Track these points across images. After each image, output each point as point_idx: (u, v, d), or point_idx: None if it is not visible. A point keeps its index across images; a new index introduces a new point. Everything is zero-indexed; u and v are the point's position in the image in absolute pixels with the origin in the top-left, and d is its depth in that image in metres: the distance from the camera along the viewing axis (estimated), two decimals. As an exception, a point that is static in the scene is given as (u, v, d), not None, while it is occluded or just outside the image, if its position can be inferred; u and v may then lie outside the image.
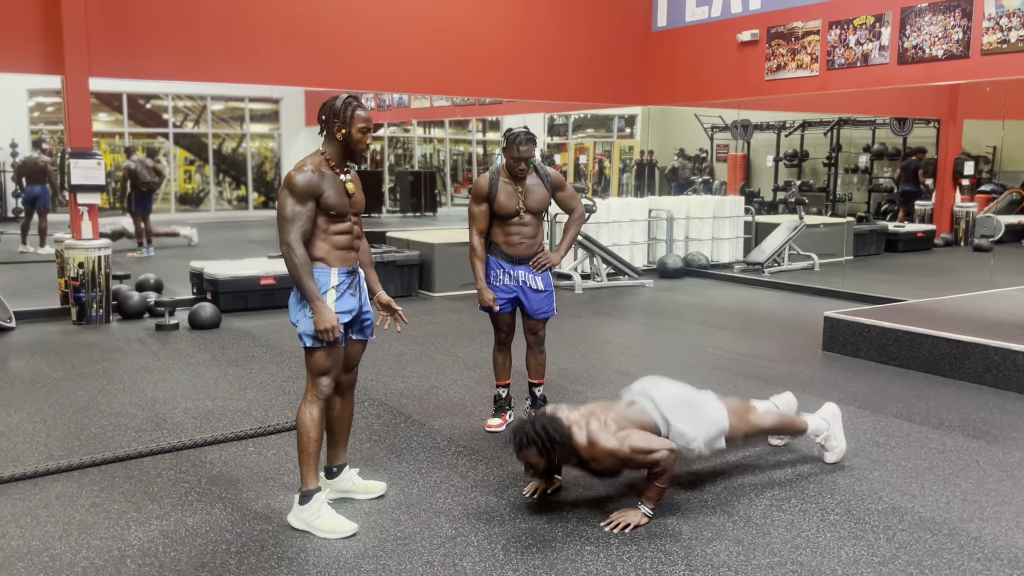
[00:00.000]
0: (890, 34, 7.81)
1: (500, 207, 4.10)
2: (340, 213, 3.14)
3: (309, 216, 3.07)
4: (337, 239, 3.17)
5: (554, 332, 6.72)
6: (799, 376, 5.49)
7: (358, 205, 3.26)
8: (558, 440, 3.13)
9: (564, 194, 4.30)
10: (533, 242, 4.19)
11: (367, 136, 3.16)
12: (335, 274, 3.17)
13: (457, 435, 4.28)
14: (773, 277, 9.76)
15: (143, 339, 6.51)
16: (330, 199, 3.11)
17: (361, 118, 3.12)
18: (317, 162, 3.12)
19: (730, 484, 3.63)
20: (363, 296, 3.31)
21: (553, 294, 4.31)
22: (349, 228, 3.21)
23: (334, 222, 3.15)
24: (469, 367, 5.65)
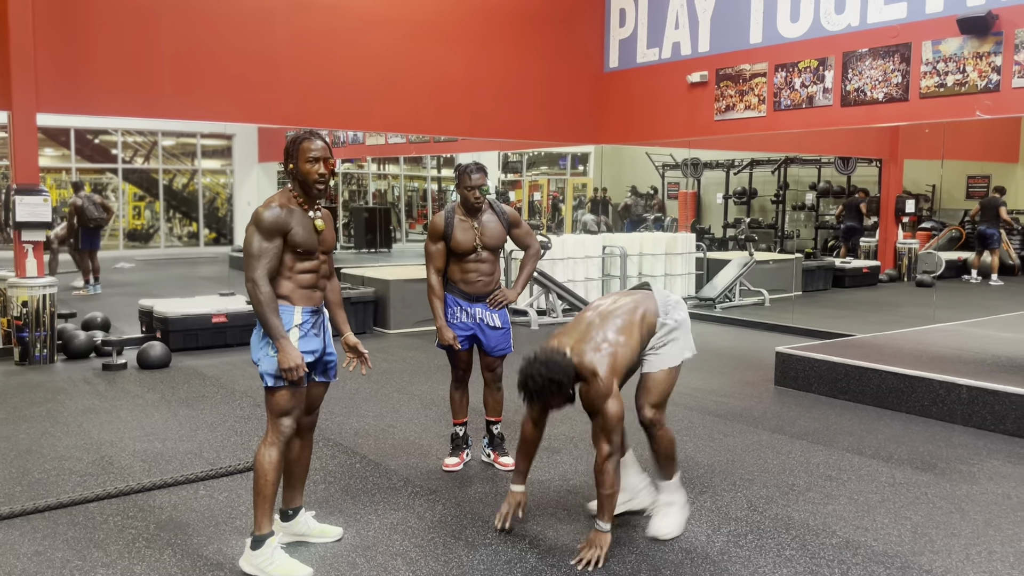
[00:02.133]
0: (833, 77, 8.08)
1: (457, 244, 4.10)
2: (308, 251, 3.09)
3: (276, 253, 3.02)
4: (303, 277, 3.11)
5: (511, 368, 6.70)
6: (752, 411, 5.56)
7: (327, 243, 3.19)
8: (565, 379, 3.13)
9: (520, 231, 4.29)
10: (490, 279, 4.19)
11: (317, 167, 3.05)
12: (299, 312, 3.10)
13: (413, 475, 4.23)
14: (725, 312, 9.91)
15: (89, 379, 6.34)
16: (298, 236, 3.05)
17: (308, 149, 3.05)
18: (286, 198, 3.08)
19: (688, 519, 3.64)
20: (327, 337, 3.23)
21: (510, 331, 4.30)
22: (316, 267, 3.15)
23: (301, 260, 3.10)
24: (425, 405, 5.61)
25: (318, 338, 3.17)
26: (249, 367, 6.72)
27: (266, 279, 2.98)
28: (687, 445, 4.76)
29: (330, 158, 3.05)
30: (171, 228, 19.22)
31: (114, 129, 17.82)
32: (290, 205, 3.06)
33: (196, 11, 7.73)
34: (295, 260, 3.08)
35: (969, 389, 5.21)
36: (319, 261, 3.16)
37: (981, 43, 6.97)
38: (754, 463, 4.47)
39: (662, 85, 9.73)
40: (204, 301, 7.99)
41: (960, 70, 7.12)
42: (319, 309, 3.19)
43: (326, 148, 3.09)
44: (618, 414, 3.17)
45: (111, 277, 12.48)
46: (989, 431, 5.08)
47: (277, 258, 3.03)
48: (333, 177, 3.09)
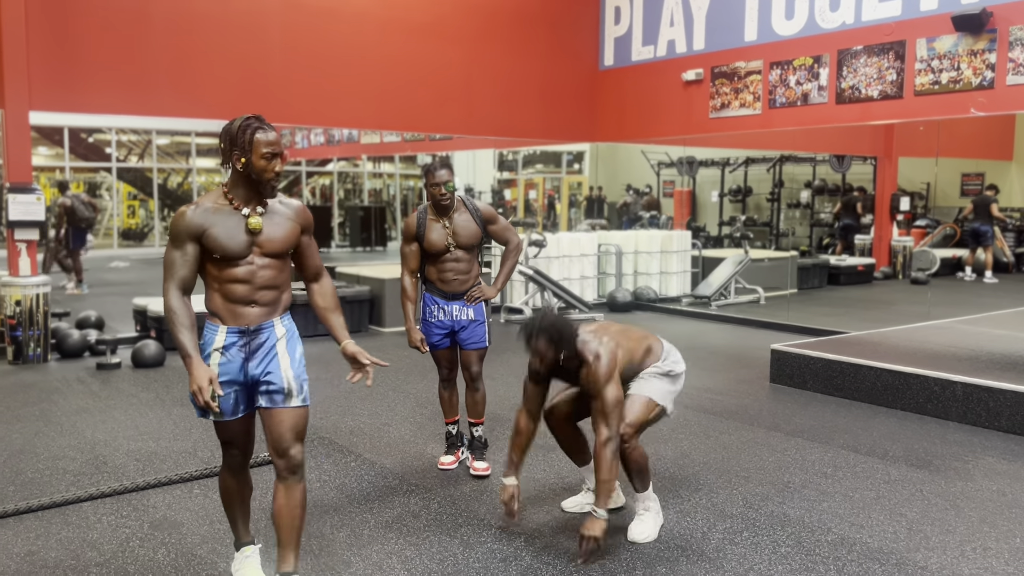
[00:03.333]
0: (828, 75, 8.08)
1: (430, 245, 4.07)
2: (230, 256, 2.62)
3: (188, 262, 2.61)
4: (231, 288, 2.65)
5: (505, 367, 6.71)
6: (747, 409, 5.56)
7: (270, 244, 2.68)
8: (566, 334, 3.22)
9: (496, 227, 4.21)
10: (467, 277, 4.15)
11: (274, 163, 2.65)
12: (222, 333, 2.67)
13: (408, 473, 4.22)
14: (720, 310, 9.91)
15: (83, 379, 6.31)
16: (216, 239, 2.60)
17: (264, 142, 2.63)
18: (213, 197, 2.68)
19: (683, 518, 3.64)
20: (274, 362, 2.71)
21: (486, 324, 4.21)
22: (248, 275, 2.65)
23: (225, 267, 2.63)
24: (420, 404, 5.59)
25: (251, 363, 2.69)
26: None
27: (176, 292, 2.60)
28: (683, 442, 4.76)
29: (283, 152, 2.71)
30: (166, 227, 19.17)
31: (108, 128, 17.77)
32: (217, 203, 2.66)
33: (190, 9, 7.71)
34: (218, 268, 2.65)
35: (964, 386, 5.21)
36: (254, 267, 2.66)
37: (976, 40, 6.97)
38: (750, 460, 4.46)
39: (657, 83, 9.72)
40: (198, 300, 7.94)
41: (955, 67, 7.13)
42: (260, 328, 2.70)
43: (278, 139, 2.70)
44: (616, 398, 3.23)
45: (105, 276, 12.44)
46: (984, 428, 5.09)
47: (190, 267, 2.62)
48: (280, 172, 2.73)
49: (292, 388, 2.72)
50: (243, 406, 2.77)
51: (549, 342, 3.22)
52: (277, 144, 2.67)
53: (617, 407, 3.23)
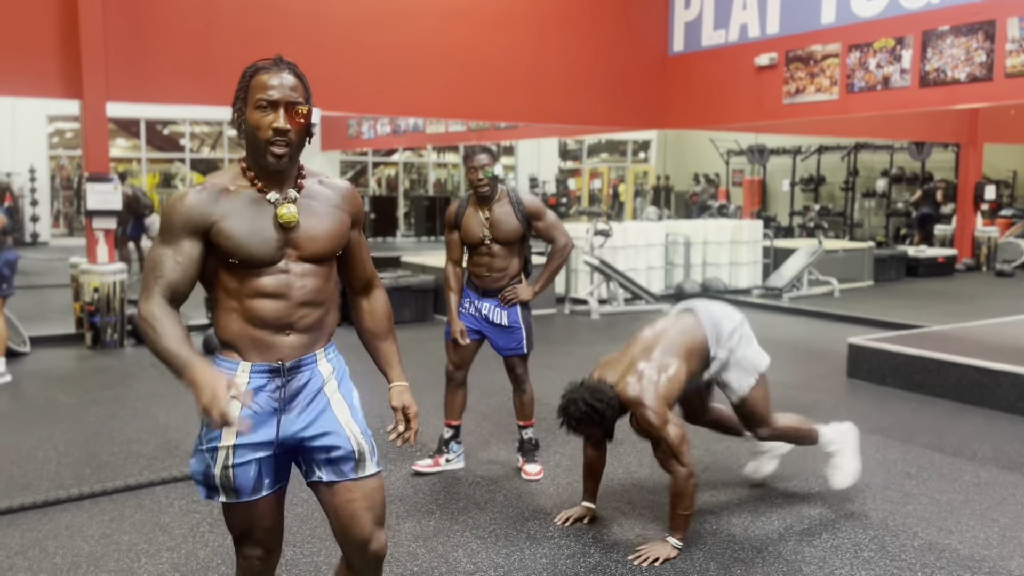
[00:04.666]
0: (911, 57, 7.74)
1: (465, 235, 3.87)
2: (253, 261, 1.85)
3: (182, 265, 1.83)
4: (255, 308, 1.87)
5: (570, 359, 6.62)
6: (823, 404, 5.36)
7: (311, 244, 1.91)
8: (608, 411, 3.10)
9: (542, 224, 3.88)
10: (502, 275, 3.86)
11: (271, 118, 1.83)
12: (243, 373, 1.89)
13: (473, 464, 4.17)
14: (793, 302, 9.63)
15: (157, 364, 6.44)
16: (231, 236, 1.84)
17: (261, 85, 1.84)
18: (229, 175, 1.92)
19: (758, 518, 3.51)
20: (320, 416, 1.96)
21: (522, 330, 3.91)
22: (281, 288, 1.88)
23: (248, 277, 1.86)
24: (485, 394, 5.55)
25: (287, 416, 1.93)
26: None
27: (159, 299, 1.81)
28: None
29: (299, 103, 1.85)
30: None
31: (182, 119, 18.22)
32: (228, 185, 1.89)
33: (255, 3, 7.78)
34: (237, 278, 1.87)
35: (1059, 384, 4.92)
36: (290, 277, 1.89)
37: (1073, 18, 6.57)
38: (827, 459, 4.28)
39: (728, 68, 9.47)
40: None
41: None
42: (298, 365, 1.93)
43: (295, 86, 1.87)
44: (679, 436, 3.10)
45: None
46: (1081, 429, 4.80)
47: (184, 272, 1.84)
48: (309, 136, 1.90)
49: (363, 450, 1.99)
50: (269, 479, 1.96)
51: (593, 424, 3.13)
52: (282, 89, 1.83)
53: (683, 443, 3.10)
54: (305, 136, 1.89)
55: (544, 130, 14.91)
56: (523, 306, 3.92)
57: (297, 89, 1.87)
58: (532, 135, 16.18)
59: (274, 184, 1.90)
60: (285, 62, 1.89)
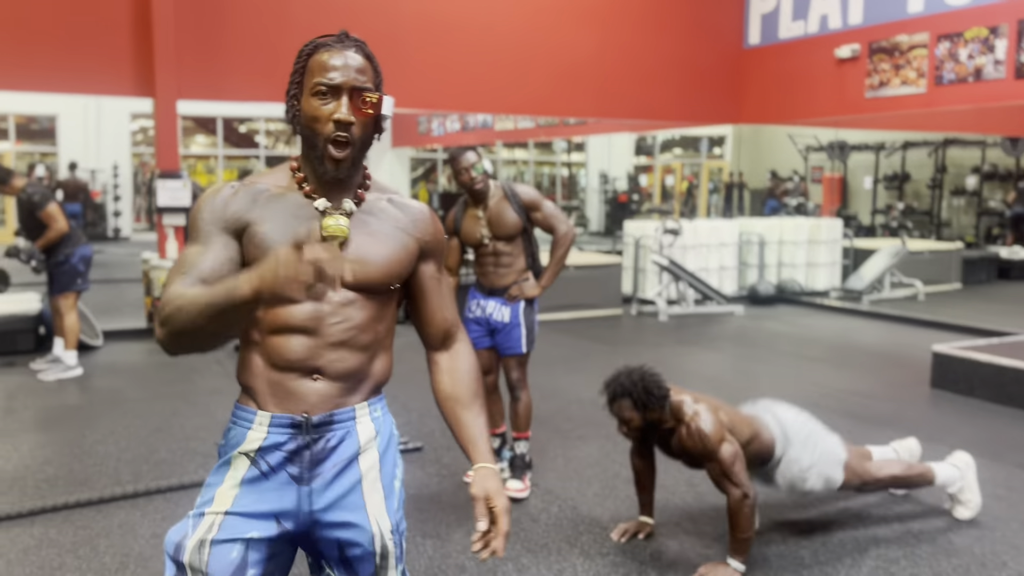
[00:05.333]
0: (1006, 47, 7.26)
1: (464, 237, 3.75)
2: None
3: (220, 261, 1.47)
4: (278, 342, 1.50)
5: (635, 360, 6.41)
6: (904, 416, 5.04)
7: (361, 269, 1.50)
8: (656, 394, 2.91)
9: (540, 214, 3.73)
10: (508, 271, 3.72)
11: (331, 107, 1.47)
12: (260, 426, 1.51)
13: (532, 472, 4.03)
14: (873, 306, 9.19)
15: (221, 360, 6.51)
16: (261, 244, 1.48)
17: (320, 66, 1.48)
18: (274, 176, 1.57)
19: (830, 540, 3.27)
20: (347, 496, 1.53)
21: (520, 327, 3.73)
22: (311, 319, 1.48)
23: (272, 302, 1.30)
24: (543, 397, 5.40)
25: (307, 486, 1.51)
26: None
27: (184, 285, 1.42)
28: (829, 452, 4.33)
29: (367, 88, 1.49)
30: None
31: (257, 117, 18.59)
32: (274, 186, 1.54)
33: None
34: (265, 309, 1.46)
35: None
36: (326, 307, 1.49)
37: None
38: (907, 477, 4.00)
39: (807, 61, 9.08)
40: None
41: None
42: (329, 422, 1.51)
43: (363, 68, 1.50)
44: (733, 454, 2.90)
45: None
46: None
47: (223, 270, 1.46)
48: (378, 132, 1.53)
49: (387, 552, 1.56)
50: (255, 572, 1.49)
51: (634, 405, 2.94)
52: (347, 71, 1.47)
53: (737, 461, 2.90)
54: (373, 132, 1.51)
55: (614, 125, 14.66)
56: (528, 304, 3.76)
57: (365, 72, 1.49)
58: (602, 130, 15.93)
59: (329, 191, 1.52)
60: (351, 39, 1.51)
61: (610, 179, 20.13)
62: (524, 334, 3.74)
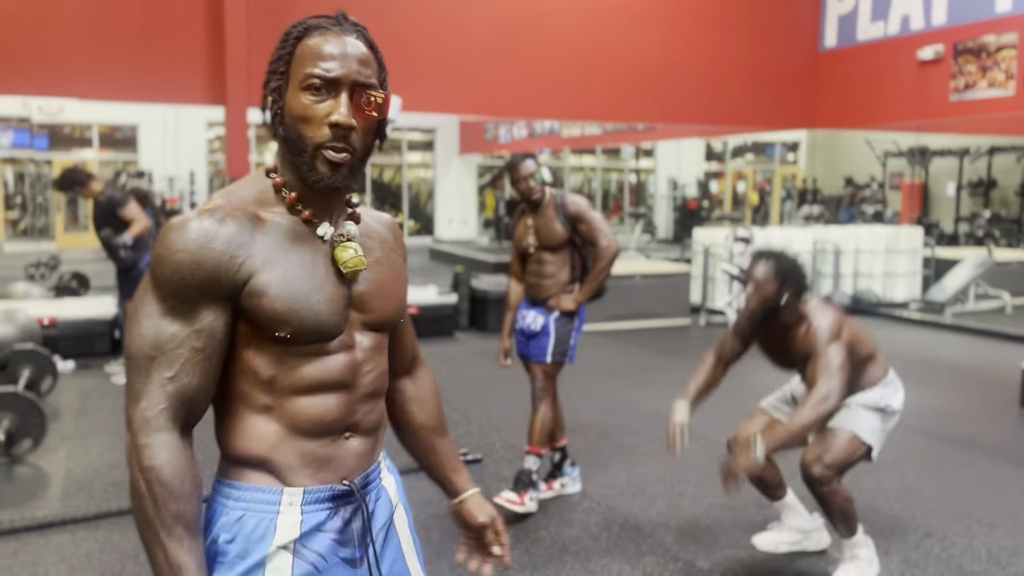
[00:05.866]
0: (1105, 46, 6.84)
1: (515, 244, 3.79)
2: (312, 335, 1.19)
3: (208, 354, 1.16)
4: (305, 404, 1.21)
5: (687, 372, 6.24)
6: (990, 438, 4.75)
7: (380, 304, 1.29)
8: (797, 273, 2.81)
9: (584, 226, 3.62)
10: (550, 283, 3.67)
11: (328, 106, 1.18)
12: (292, 508, 1.21)
13: (590, 486, 3.92)
14: (956, 319, 8.77)
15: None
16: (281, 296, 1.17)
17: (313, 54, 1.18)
18: (253, 193, 1.23)
19: (909, 568, 3.07)
20: (390, 566, 1.34)
21: (550, 336, 3.63)
22: (346, 371, 1.24)
23: (295, 359, 1.19)
24: (608, 409, 5.28)
25: (363, 568, 1.28)
26: (437, 360, 6.70)
27: (169, 430, 1.14)
28: (908, 474, 4.11)
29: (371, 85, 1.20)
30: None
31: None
32: (261, 210, 1.21)
33: (394, 6, 7.83)
34: (275, 362, 1.19)
35: None
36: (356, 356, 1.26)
37: None
38: (995, 503, 3.76)
39: (887, 64, 8.75)
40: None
41: None
42: (367, 484, 1.29)
43: (366, 59, 1.21)
44: (842, 361, 2.72)
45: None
46: None
47: (212, 371, 1.17)
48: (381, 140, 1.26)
49: None
50: None
51: (775, 273, 2.79)
52: (346, 61, 1.17)
53: (842, 371, 2.70)
54: (375, 139, 1.24)
55: (683, 131, 14.42)
56: (565, 316, 3.65)
57: (369, 64, 1.20)
58: (671, 136, 15.69)
59: (320, 210, 1.23)
60: (351, 22, 1.24)
61: (679, 185, 19.82)
62: (552, 344, 3.64)
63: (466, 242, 17.26)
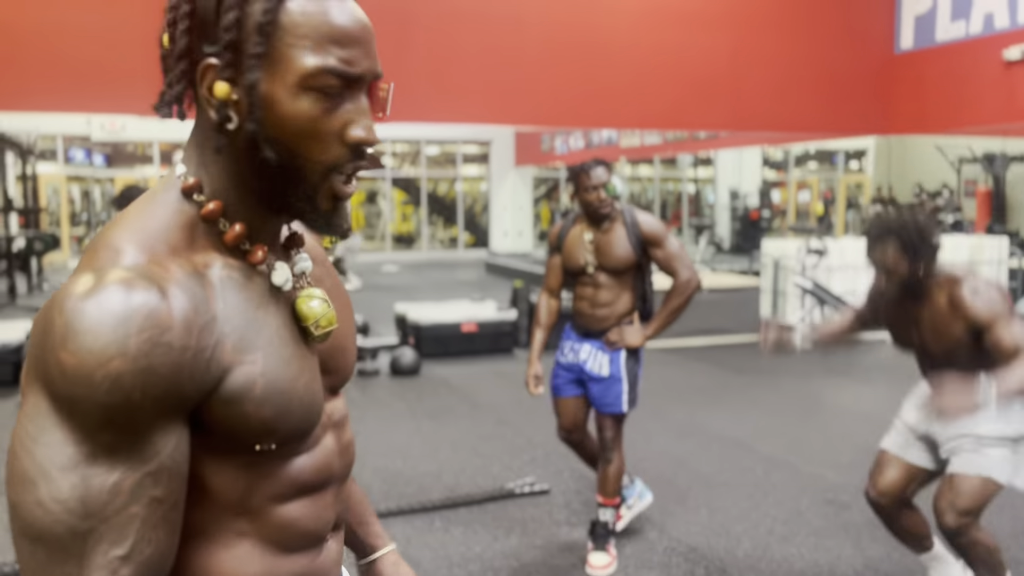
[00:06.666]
0: None
1: (567, 260, 3.24)
2: (301, 433, 0.84)
3: (171, 503, 0.74)
4: (287, 516, 0.85)
5: (776, 394, 5.89)
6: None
7: (343, 362, 0.96)
8: (929, 241, 2.40)
9: (661, 252, 3.17)
10: (608, 312, 3.18)
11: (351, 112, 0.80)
12: None
13: (669, 523, 3.62)
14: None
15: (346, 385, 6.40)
16: (268, 398, 0.79)
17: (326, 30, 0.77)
18: (168, 229, 0.78)
19: None
20: None
21: (622, 383, 3.16)
22: (326, 462, 0.89)
23: (276, 466, 0.83)
24: (682, 434, 4.97)
25: None
26: (496, 378, 6.47)
27: None
28: (1021, 511, 3.71)
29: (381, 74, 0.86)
30: (432, 233, 20.06)
31: (384, 139, 18.92)
32: (196, 254, 0.79)
33: (450, 13, 7.66)
34: (250, 475, 0.81)
35: None
36: (332, 443, 0.92)
37: None
38: None
39: (969, 65, 8.26)
40: (456, 308, 7.92)
41: None
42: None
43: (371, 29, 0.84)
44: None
45: (376, 279, 13.08)
46: None
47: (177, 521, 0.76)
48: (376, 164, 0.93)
49: None
50: None
51: (903, 250, 2.41)
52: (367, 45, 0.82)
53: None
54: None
55: (746, 139, 14.00)
56: (630, 354, 3.19)
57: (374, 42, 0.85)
58: (733, 144, 15.27)
59: (272, 243, 0.87)
60: None
61: (740, 195, 19.33)
62: (626, 390, 3.17)
63: (522, 255, 17.04)
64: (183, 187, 0.81)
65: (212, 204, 0.81)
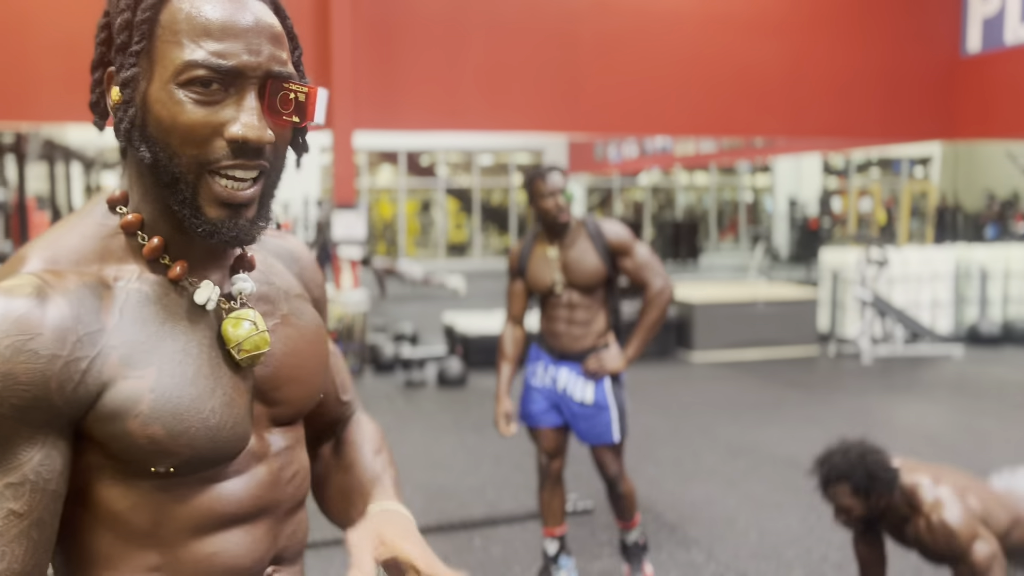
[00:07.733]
0: None
1: (532, 280, 2.96)
2: (210, 460, 0.79)
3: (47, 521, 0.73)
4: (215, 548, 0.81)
5: (833, 411, 5.67)
6: None
7: (290, 394, 0.89)
8: (881, 477, 2.34)
9: (631, 261, 2.91)
10: (584, 332, 2.91)
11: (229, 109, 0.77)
12: None
13: (717, 546, 3.48)
14: None
15: (391, 395, 6.38)
16: (162, 414, 0.75)
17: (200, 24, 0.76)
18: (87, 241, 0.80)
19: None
20: None
21: (610, 410, 2.90)
22: (259, 494, 0.84)
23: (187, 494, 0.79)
24: (732, 453, 4.80)
25: None
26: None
27: None
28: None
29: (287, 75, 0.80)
30: (486, 241, 20.08)
31: (435, 149, 19.02)
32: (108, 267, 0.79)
33: (503, 23, 7.62)
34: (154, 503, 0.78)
35: None
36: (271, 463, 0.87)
37: None
38: None
39: (1041, 67, 7.90)
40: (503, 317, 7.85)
41: None
42: None
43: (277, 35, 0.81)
44: (989, 556, 2.24)
45: (429, 289, 13.10)
46: None
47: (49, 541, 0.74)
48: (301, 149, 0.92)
49: None
50: None
51: (854, 492, 2.36)
52: (250, 39, 0.77)
53: (995, 566, 2.24)
54: (290, 152, 0.88)
55: (805, 145, 13.66)
56: (614, 379, 2.95)
57: (281, 41, 0.81)
58: (791, 150, 14.91)
59: (202, 262, 0.84)
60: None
61: (799, 203, 18.89)
62: (616, 418, 2.92)
63: (574, 264, 16.91)
64: (108, 199, 0.83)
65: (131, 216, 0.81)
